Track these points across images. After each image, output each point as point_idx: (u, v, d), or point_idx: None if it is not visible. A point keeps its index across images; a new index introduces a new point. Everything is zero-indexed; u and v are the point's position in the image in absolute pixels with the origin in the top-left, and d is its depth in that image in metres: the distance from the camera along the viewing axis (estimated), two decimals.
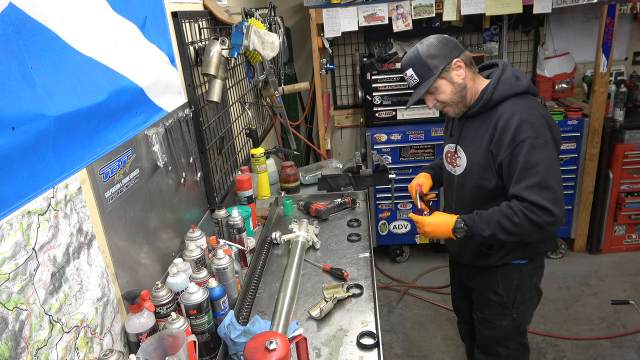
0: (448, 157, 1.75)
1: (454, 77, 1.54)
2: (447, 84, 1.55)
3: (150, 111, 1.42)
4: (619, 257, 3.40)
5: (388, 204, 3.39)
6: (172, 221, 1.55)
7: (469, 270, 1.83)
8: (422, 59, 1.53)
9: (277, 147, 2.71)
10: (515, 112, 1.48)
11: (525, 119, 1.45)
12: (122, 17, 1.26)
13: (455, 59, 1.53)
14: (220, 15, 2.03)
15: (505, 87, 1.53)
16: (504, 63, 1.61)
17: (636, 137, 3.13)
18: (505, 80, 1.54)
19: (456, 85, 1.55)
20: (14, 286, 0.83)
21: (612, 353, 2.58)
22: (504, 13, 2.93)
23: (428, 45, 1.54)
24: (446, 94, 1.56)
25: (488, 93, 1.54)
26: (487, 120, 1.55)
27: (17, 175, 0.84)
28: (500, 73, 1.56)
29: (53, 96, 0.93)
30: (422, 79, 1.55)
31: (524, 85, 1.55)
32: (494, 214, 1.49)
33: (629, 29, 3.49)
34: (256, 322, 1.30)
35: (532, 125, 1.45)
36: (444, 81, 1.55)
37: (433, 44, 1.53)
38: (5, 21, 0.82)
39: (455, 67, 1.54)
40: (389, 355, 2.69)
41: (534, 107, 1.51)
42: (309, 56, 3.73)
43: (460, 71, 1.54)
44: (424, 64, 1.53)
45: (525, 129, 1.44)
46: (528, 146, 1.43)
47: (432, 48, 1.53)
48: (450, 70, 1.53)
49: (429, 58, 1.53)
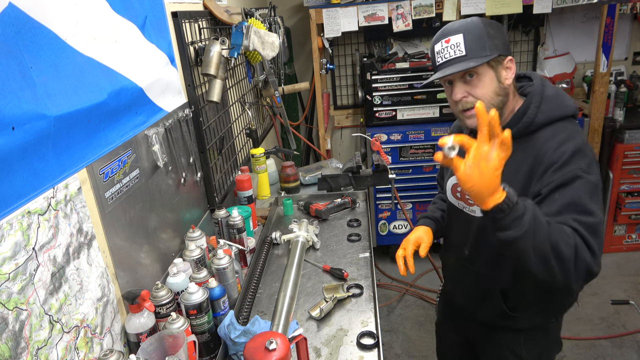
0: (458, 192, 1.40)
1: (502, 74, 1.20)
2: (493, 78, 1.19)
3: (150, 111, 1.42)
4: (619, 257, 3.40)
5: (388, 204, 3.39)
6: (172, 221, 1.55)
7: (480, 329, 1.48)
8: (482, 31, 1.18)
9: (277, 147, 2.71)
10: (566, 139, 1.16)
11: (581, 147, 1.15)
12: (122, 17, 1.26)
13: (510, 57, 1.22)
14: (220, 15, 2.03)
15: (552, 107, 1.20)
16: (540, 76, 1.29)
17: (636, 137, 3.13)
18: (550, 99, 1.21)
19: (501, 87, 1.20)
20: (14, 286, 0.83)
21: (612, 353, 2.58)
22: (504, 13, 2.93)
23: (490, 22, 1.21)
24: (487, 90, 1.20)
25: (529, 114, 1.20)
26: (522, 148, 1.20)
27: (17, 175, 0.84)
28: (542, 89, 1.23)
29: (53, 96, 0.93)
30: (471, 54, 1.17)
31: (573, 106, 1.23)
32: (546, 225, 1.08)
33: (629, 29, 3.49)
34: (256, 322, 1.30)
35: (585, 157, 1.14)
36: (492, 73, 1.19)
37: (496, 25, 1.22)
38: (5, 21, 0.82)
39: (506, 65, 1.21)
40: (389, 355, 2.69)
41: (584, 137, 1.20)
42: (309, 56, 3.73)
43: (510, 73, 1.21)
44: (482, 37, 1.17)
45: (579, 159, 1.13)
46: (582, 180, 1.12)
47: (494, 28, 1.21)
48: (502, 64, 1.20)
49: (489, 35, 1.18)
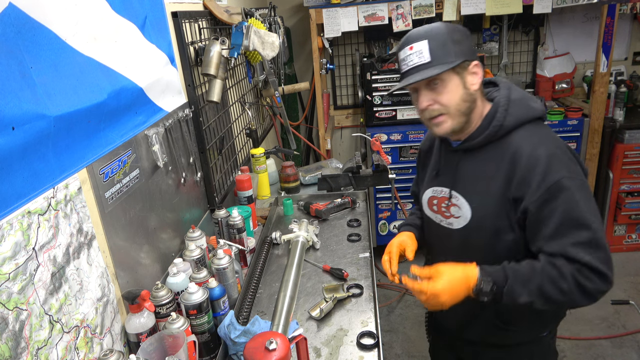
0: (434, 205, 1.34)
1: (468, 81, 1.17)
2: (459, 84, 1.16)
3: (150, 111, 1.42)
4: (619, 257, 3.40)
5: (388, 204, 3.39)
6: (172, 221, 1.55)
7: (474, 348, 1.42)
8: (446, 37, 1.14)
9: (277, 147, 2.71)
10: (537, 143, 1.14)
11: (554, 152, 1.13)
12: (122, 17, 1.26)
13: (476, 62, 1.19)
14: (220, 15, 2.03)
15: (520, 110, 1.19)
16: (505, 81, 1.27)
17: (636, 137, 3.13)
18: (518, 102, 1.20)
19: (467, 93, 1.17)
20: (14, 286, 0.83)
21: (612, 353, 2.58)
22: (504, 13, 2.93)
23: (455, 27, 1.18)
24: (453, 97, 1.16)
25: (498, 118, 1.18)
26: (495, 154, 1.19)
27: (17, 175, 0.84)
28: (508, 93, 1.21)
29: (53, 96, 0.93)
30: (435, 60, 1.14)
31: (540, 108, 1.22)
32: (532, 274, 1.11)
33: (629, 29, 3.49)
34: (256, 322, 1.30)
35: (563, 161, 1.12)
36: (457, 79, 1.16)
37: (459, 29, 1.18)
38: (5, 21, 0.82)
39: (472, 70, 1.18)
40: (389, 355, 2.69)
41: (555, 138, 1.19)
42: (309, 56, 3.72)
43: (475, 79, 1.18)
44: (445, 43, 1.14)
45: (557, 166, 1.11)
46: (567, 190, 1.09)
47: (458, 33, 1.17)
48: (467, 70, 1.17)
49: (453, 41, 1.15)
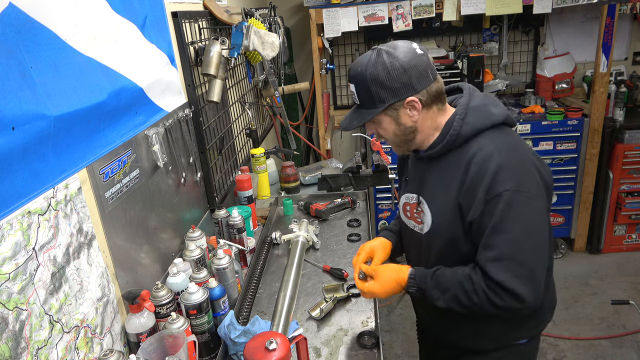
0: (407, 210, 1.35)
1: (402, 116, 1.18)
2: (390, 122, 1.19)
3: (150, 111, 1.42)
4: (619, 257, 3.40)
5: (388, 204, 3.39)
6: (172, 221, 1.55)
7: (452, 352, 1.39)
8: (366, 83, 1.15)
9: (277, 147, 2.71)
10: (492, 152, 1.12)
11: (504, 163, 1.10)
12: (122, 17, 1.26)
13: (411, 97, 1.15)
14: (220, 15, 2.03)
15: (477, 117, 1.17)
16: (469, 87, 1.25)
17: (636, 137, 3.13)
18: (476, 109, 1.18)
19: (402, 127, 1.19)
20: (14, 286, 0.83)
21: (612, 353, 2.58)
22: (504, 13, 2.93)
23: (382, 68, 1.13)
24: (387, 133, 1.22)
25: (455, 127, 1.16)
26: (455, 161, 1.18)
27: (17, 175, 0.84)
28: (468, 100, 1.20)
29: (53, 96, 0.93)
30: (363, 104, 1.20)
31: (501, 114, 1.19)
32: (451, 283, 1.15)
33: (629, 29, 3.49)
34: (256, 322, 1.30)
35: (513, 172, 1.09)
36: (388, 119, 1.19)
37: (388, 69, 1.13)
38: (5, 21, 0.82)
39: (406, 106, 1.16)
40: (389, 355, 2.69)
41: (517, 145, 1.16)
42: (309, 56, 3.73)
43: (413, 112, 1.17)
44: (369, 91, 1.16)
45: (504, 177, 1.08)
46: (504, 203, 1.07)
47: (384, 74, 1.13)
48: (399, 108, 1.17)
49: (376, 86, 1.14)
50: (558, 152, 3.19)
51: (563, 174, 3.25)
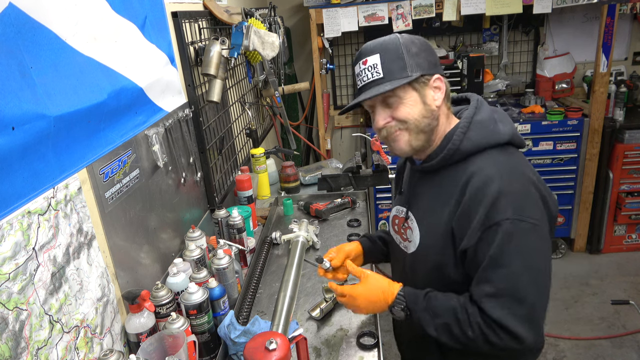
0: (395, 224, 1.25)
1: (428, 96, 1.07)
2: (417, 100, 1.07)
3: (150, 111, 1.42)
4: (619, 257, 3.40)
5: (388, 204, 3.39)
6: (172, 221, 1.55)
7: None
8: (400, 49, 1.05)
9: (277, 147, 2.71)
10: (492, 175, 1.00)
11: (506, 189, 0.99)
12: (122, 17, 1.26)
13: (439, 75, 1.09)
14: (220, 15, 2.03)
15: (480, 133, 1.06)
16: (478, 99, 1.14)
17: (636, 137, 3.13)
18: (480, 124, 1.07)
19: (428, 110, 1.07)
20: (14, 286, 0.83)
21: (612, 353, 2.58)
22: (504, 13, 2.93)
23: (412, 39, 1.08)
24: (411, 112, 1.07)
25: (454, 141, 1.06)
26: (451, 179, 1.08)
27: (17, 175, 0.84)
28: (473, 112, 1.09)
29: (53, 96, 0.93)
30: (389, 76, 1.05)
31: (507, 132, 1.07)
32: (444, 310, 1.04)
33: (629, 29, 3.49)
34: (256, 322, 1.30)
35: (515, 199, 0.98)
36: (416, 95, 1.06)
37: (418, 41, 1.08)
38: (5, 21, 0.82)
39: (434, 85, 1.08)
40: (389, 355, 2.69)
41: (521, 169, 1.04)
42: (309, 56, 3.73)
43: (438, 94, 1.08)
44: (401, 56, 1.05)
45: (504, 205, 0.97)
46: (504, 233, 0.96)
47: (416, 45, 1.07)
48: (427, 85, 1.07)
49: (410, 53, 1.05)
50: (558, 152, 3.20)
51: (563, 174, 3.25)
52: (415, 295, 1.08)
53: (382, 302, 1.11)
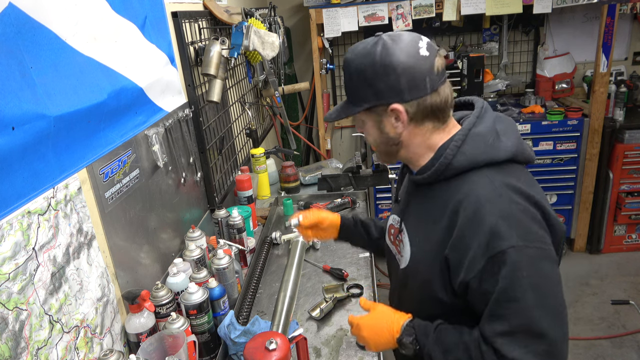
0: (391, 233, 1.18)
1: (385, 124, 0.98)
2: (373, 125, 1.01)
3: (150, 111, 1.42)
4: (619, 257, 3.40)
5: (388, 204, 3.39)
6: (172, 221, 1.55)
7: None
8: (351, 75, 0.99)
9: (277, 147, 2.71)
10: (488, 196, 0.89)
11: (505, 211, 0.88)
12: (122, 17, 1.26)
13: (396, 105, 0.94)
14: (220, 15, 2.03)
15: (477, 147, 0.94)
16: (482, 106, 1.01)
17: (636, 137, 3.13)
18: (479, 137, 0.95)
19: (384, 136, 1.00)
20: (14, 286, 0.83)
21: (612, 353, 2.58)
22: (504, 13, 2.93)
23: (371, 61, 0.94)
24: (369, 136, 1.04)
25: (447, 155, 0.95)
26: (443, 196, 0.97)
27: (17, 175, 0.84)
28: (473, 123, 0.97)
29: (53, 96, 0.93)
30: (351, 97, 1.02)
31: (509, 147, 0.95)
32: (456, 345, 0.94)
33: (629, 29, 3.49)
34: (256, 322, 1.30)
35: (518, 222, 0.87)
36: (371, 122, 1.01)
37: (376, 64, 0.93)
38: (5, 21, 0.82)
39: (389, 114, 0.96)
40: (389, 355, 2.69)
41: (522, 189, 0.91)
42: (309, 56, 3.72)
43: (397, 124, 0.97)
44: (351, 83, 1.00)
45: (506, 229, 0.86)
46: (511, 263, 0.85)
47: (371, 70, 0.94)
48: (382, 114, 0.97)
49: (359, 81, 0.97)
50: (558, 152, 3.20)
51: (563, 174, 3.25)
52: (426, 327, 0.99)
53: (387, 335, 1.02)
